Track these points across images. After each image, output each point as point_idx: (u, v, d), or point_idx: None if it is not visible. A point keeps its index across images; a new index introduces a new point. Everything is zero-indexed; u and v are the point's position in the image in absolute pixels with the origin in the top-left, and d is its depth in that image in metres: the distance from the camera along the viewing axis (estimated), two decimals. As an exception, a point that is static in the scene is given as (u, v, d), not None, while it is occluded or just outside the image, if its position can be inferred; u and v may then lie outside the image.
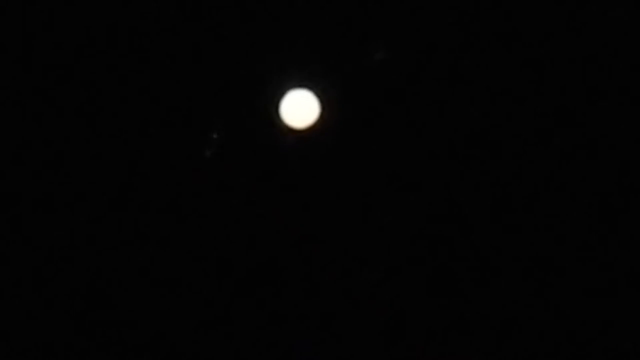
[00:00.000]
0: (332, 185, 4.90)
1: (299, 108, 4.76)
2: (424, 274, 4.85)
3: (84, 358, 4.74)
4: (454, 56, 4.72)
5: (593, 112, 4.78)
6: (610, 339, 4.72)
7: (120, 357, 4.75)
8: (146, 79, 4.73)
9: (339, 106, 4.78)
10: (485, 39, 4.72)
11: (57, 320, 4.73)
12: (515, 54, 4.72)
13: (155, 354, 4.76)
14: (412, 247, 4.86)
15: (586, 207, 4.81)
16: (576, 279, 4.79)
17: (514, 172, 4.80)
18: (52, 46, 4.66)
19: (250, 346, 4.81)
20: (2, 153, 4.74)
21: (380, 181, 4.88)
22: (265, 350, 4.79)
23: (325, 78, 4.75)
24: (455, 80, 4.74)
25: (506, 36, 4.71)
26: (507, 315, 4.80)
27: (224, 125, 4.83)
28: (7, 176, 4.72)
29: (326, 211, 4.90)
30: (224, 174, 4.86)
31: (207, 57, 4.74)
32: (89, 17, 4.65)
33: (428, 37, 4.73)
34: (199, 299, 4.80)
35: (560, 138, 4.78)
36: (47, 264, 4.77)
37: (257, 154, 4.85)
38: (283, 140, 4.81)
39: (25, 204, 4.76)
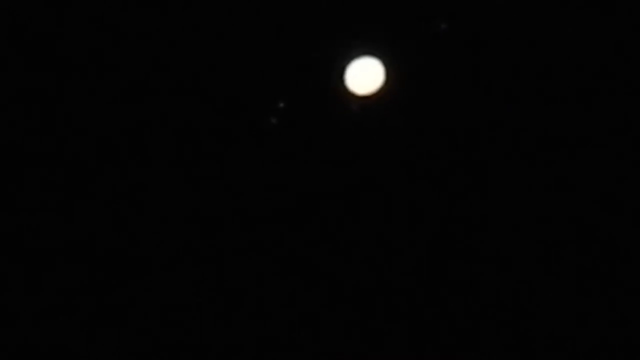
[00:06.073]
0: (395, 151, 4.97)
1: (364, 75, 4.80)
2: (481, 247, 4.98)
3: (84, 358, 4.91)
4: (518, 28, 4.72)
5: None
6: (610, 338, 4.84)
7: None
8: (215, 49, 4.77)
9: (403, 73, 4.82)
10: (549, 10, 4.72)
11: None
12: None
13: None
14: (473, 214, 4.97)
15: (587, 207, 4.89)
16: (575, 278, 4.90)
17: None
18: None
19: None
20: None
21: (443, 148, 4.95)
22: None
23: (390, 46, 4.78)
24: (519, 52, 4.75)
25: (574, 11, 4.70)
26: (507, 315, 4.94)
27: (290, 93, 4.88)
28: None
29: (389, 176, 4.99)
30: (291, 141, 4.94)
31: (274, 26, 4.76)
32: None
33: (492, 8, 4.73)
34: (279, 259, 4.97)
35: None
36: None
37: (322, 121, 4.92)
38: (348, 106, 4.87)
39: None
